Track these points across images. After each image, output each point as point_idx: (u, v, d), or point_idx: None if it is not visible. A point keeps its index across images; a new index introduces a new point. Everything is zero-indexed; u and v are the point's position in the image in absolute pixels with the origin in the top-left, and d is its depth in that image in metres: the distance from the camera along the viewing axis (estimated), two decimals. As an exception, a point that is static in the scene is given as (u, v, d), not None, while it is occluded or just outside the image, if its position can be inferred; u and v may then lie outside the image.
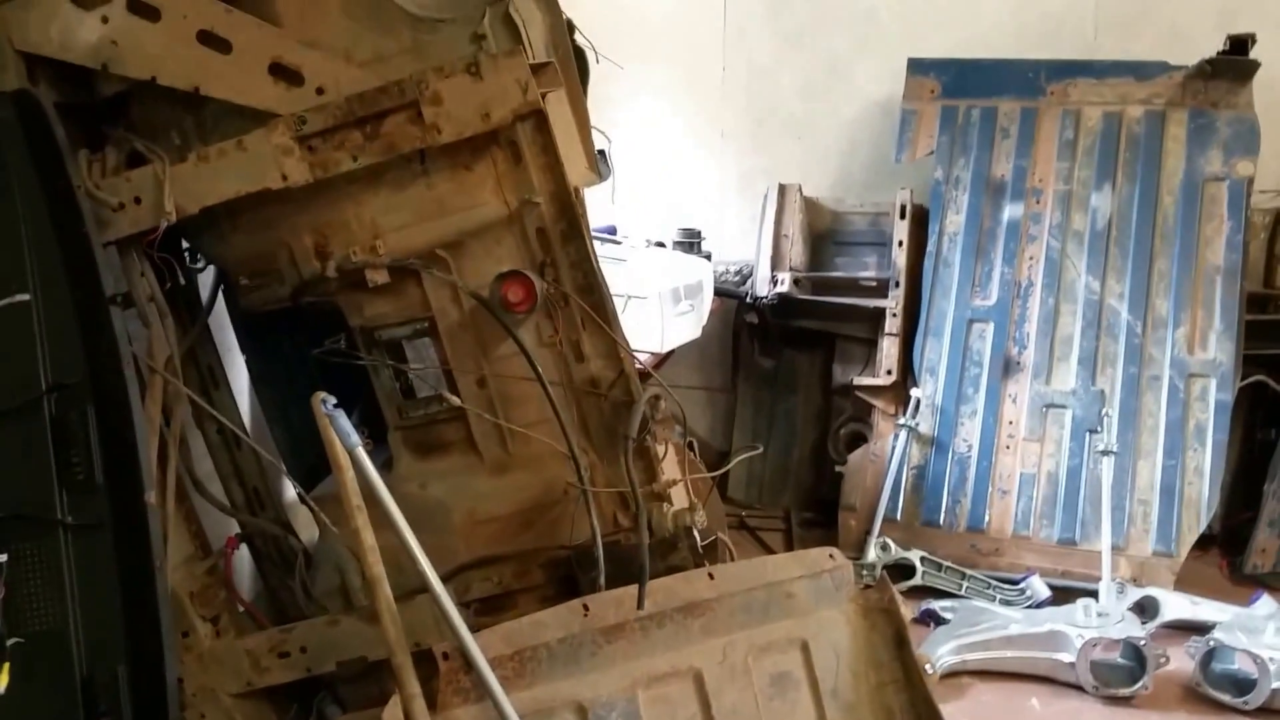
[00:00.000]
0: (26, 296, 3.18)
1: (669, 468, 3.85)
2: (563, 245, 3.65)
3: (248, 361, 4.59)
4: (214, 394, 4.25)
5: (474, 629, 3.22)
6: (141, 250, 3.73)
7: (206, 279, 4.28)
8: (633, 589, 3.37)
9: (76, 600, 3.04)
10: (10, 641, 2.97)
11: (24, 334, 3.17)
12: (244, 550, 4.34)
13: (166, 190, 3.54)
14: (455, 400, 3.75)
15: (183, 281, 4.08)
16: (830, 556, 3.72)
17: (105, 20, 3.53)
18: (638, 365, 3.89)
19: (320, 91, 3.54)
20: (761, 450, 7.17)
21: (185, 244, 4.11)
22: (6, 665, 2.95)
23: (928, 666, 3.74)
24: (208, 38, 3.53)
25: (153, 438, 3.60)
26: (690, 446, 4.21)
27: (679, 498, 3.84)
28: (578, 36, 4.00)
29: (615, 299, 4.91)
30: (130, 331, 3.61)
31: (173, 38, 3.53)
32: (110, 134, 3.76)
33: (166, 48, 3.54)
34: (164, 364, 3.75)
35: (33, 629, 3.01)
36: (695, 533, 3.67)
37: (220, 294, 4.27)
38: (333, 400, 3.09)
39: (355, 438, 3.08)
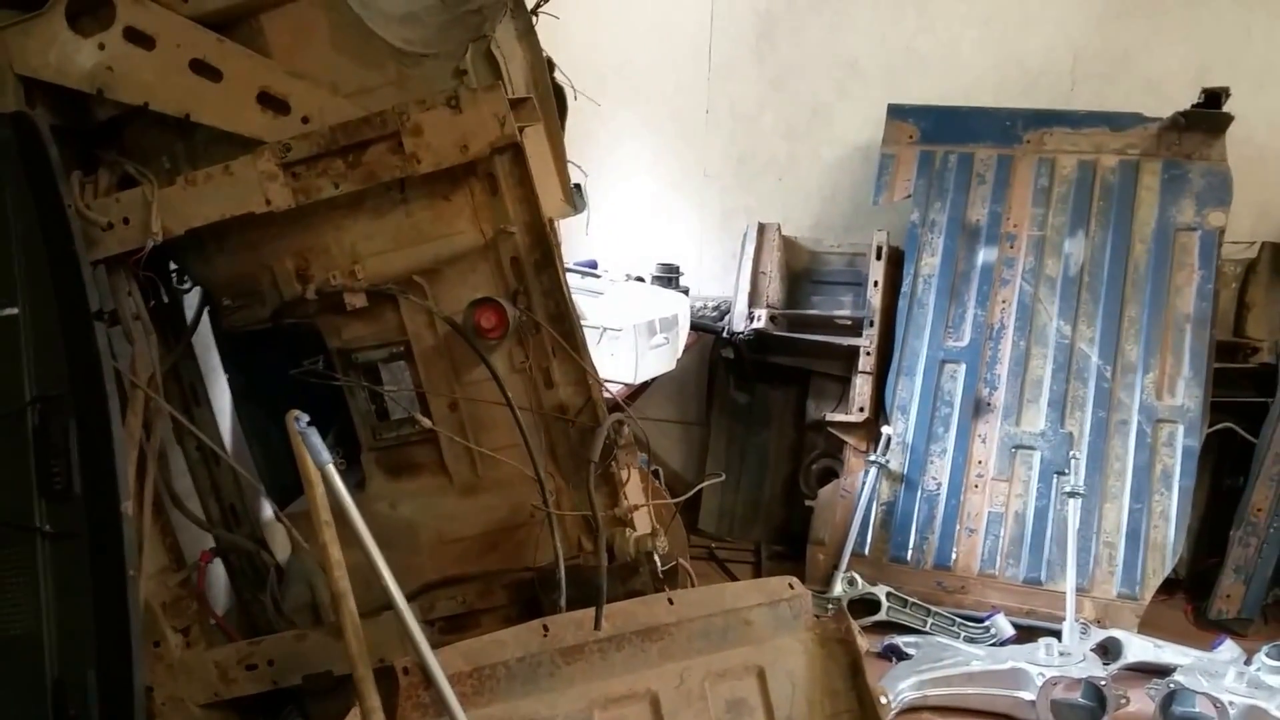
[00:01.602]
0: (15, 310, 3.25)
1: (633, 494, 3.93)
2: (536, 274, 3.75)
3: (230, 380, 4.67)
4: (195, 411, 4.33)
5: (437, 647, 3.27)
6: (129, 269, 3.82)
7: (192, 299, 4.36)
8: (592, 611, 3.44)
9: (50, 606, 3.09)
10: (-17, 644, 3.03)
11: (10, 346, 3.24)
12: (219, 564, 4.42)
13: (154, 212, 3.63)
14: (427, 423, 3.84)
15: (166, 300, 4.19)
16: (789, 586, 3.79)
17: (102, 47, 3.63)
18: (607, 395, 3.97)
19: (305, 120, 3.63)
20: (724, 478, 7.19)
21: (172, 265, 4.21)
22: (-22, 667, 3.00)
23: (882, 698, 3.81)
24: (199, 66, 3.64)
25: (132, 451, 3.69)
26: (655, 474, 4.29)
27: (642, 523, 3.91)
28: (557, 74, 4.08)
29: (590, 330, 5.01)
30: (115, 348, 3.70)
31: (166, 66, 3.64)
32: (103, 157, 3.86)
33: (159, 75, 3.64)
34: (147, 380, 3.82)
35: (5, 633, 3.07)
36: (656, 558, 3.72)
37: (205, 314, 4.34)
38: (306, 418, 3.16)
39: (326, 455, 3.13)
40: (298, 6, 3.68)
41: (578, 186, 4.23)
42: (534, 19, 3.91)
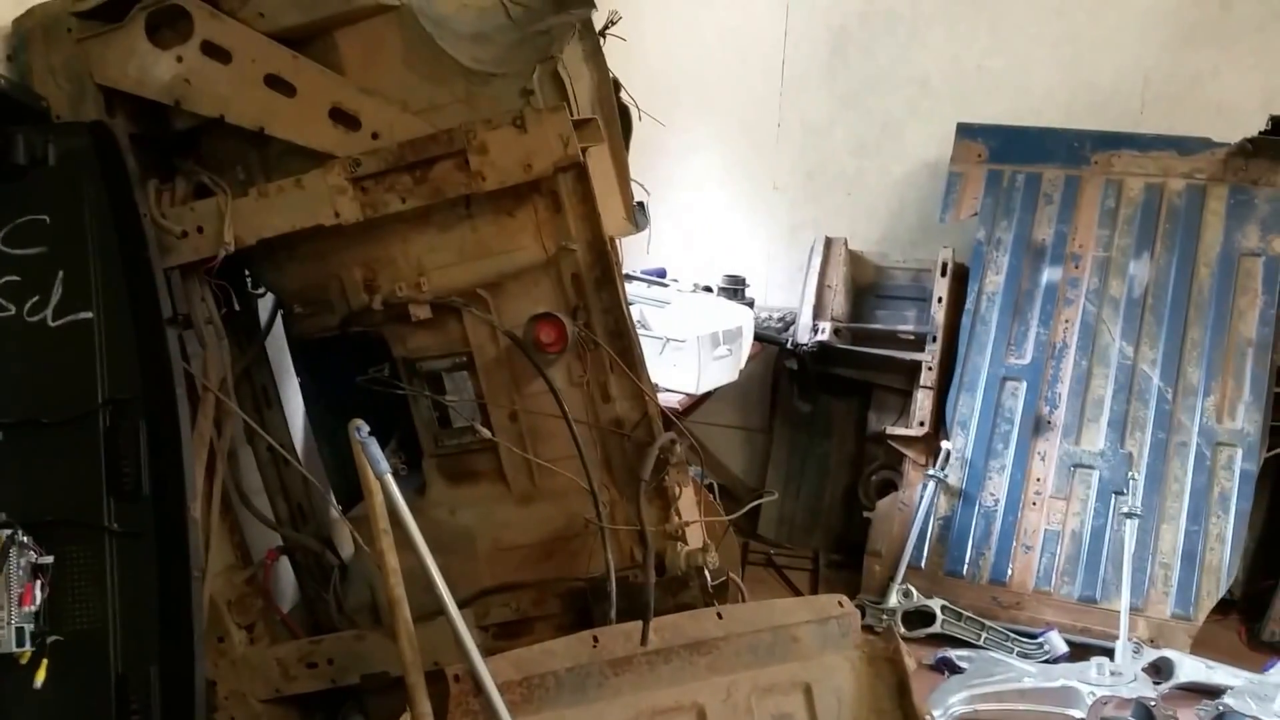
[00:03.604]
0: (89, 314, 3.34)
1: (686, 508, 3.98)
2: (596, 291, 3.81)
3: (301, 384, 4.78)
4: (266, 413, 4.44)
5: (490, 653, 3.36)
6: (202, 276, 3.93)
7: (267, 304, 4.47)
8: (641, 624, 3.50)
9: (116, 603, 3.17)
10: (50, 639, 3.10)
11: (85, 349, 3.32)
12: (287, 562, 4.53)
13: (227, 222, 3.73)
14: (487, 433, 3.92)
15: (237, 307, 4.31)
16: (839, 603, 3.81)
17: (180, 60, 3.73)
18: (665, 408, 4.04)
19: (375, 136, 3.71)
20: (776, 496, 7.24)
21: (246, 271, 4.32)
22: (45, 661, 3.08)
23: (929, 716, 3.85)
24: (274, 81, 3.72)
25: (202, 452, 3.80)
26: (710, 488, 4.34)
27: (694, 537, 3.96)
28: (623, 94, 4.14)
29: (654, 341, 5.06)
30: (189, 352, 3.81)
31: (242, 79, 3.73)
32: (180, 166, 3.97)
33: (236, 88, 3.73)
34: (218, 383, 3.94)
35: (73, 628, 3.14)
36: (706, 572, 3.77)
37: (279, 319, 4.46)
38: (367, 428, 3.23)
39: (385, 464, 3.20)
40: (372, 24, 3.75)
41: (640, 205, 4.29)
42: (602, 40, 3.98)
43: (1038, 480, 6.42)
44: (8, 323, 3.33)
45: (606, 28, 4.02)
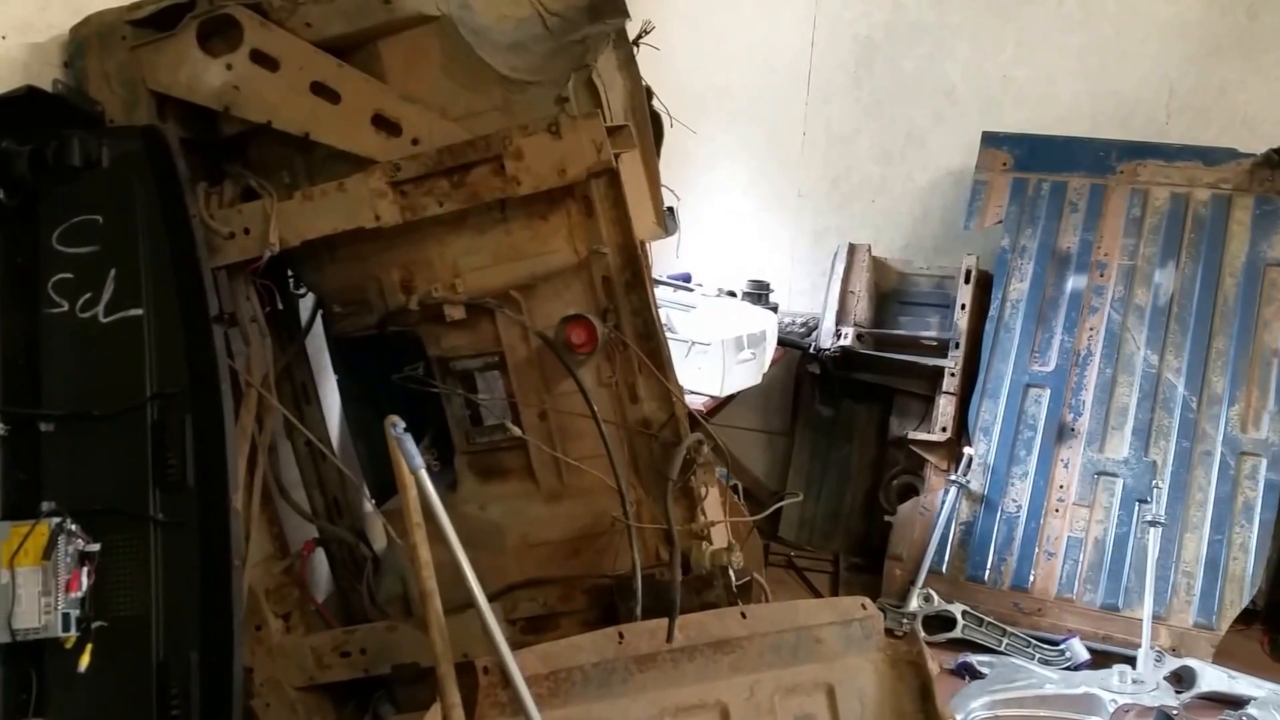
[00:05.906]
0: (139, 311, 3.44)
1: (711, 508, 4.01)
2: (626, 293, 3.86)
3: (338, 381, 4.88)
4: (305, 409, 4.52)
5: (518, 646, 3.38)
6: (248, 276, 4.03)
7: (307, 304, 4.57)
8: (667, 620, 3.54)
9: (159, 590, 3.28)
10: (95, 625, 3.20)
11: (134, 345, 3.43)
12: (322, 554, 4.61)
13: (273, 224, 3.82)
14: (517, 431, 3.98)
15: (282, 306, 4.39)
16: (862, 606, 3.80)
17: (229, 67, 3.83)
18: (693, 409, 4.10)
19: (415, 142, 3.79)
20: (801, 498, 7.33)
21: (289, 272, 4.41)
22: (90, 646, 3.18)
23: (951, 721, 3.88)
24: (320, 88, 3.82)
25: (244, 445, 3.89)
26: (734, 489, 4.39)
27: (719, 537, 4.01)
28: (655, 102, 4.19)
29: (680, 344, 5.12)
30: (233, 349, 3.92)
31: (289, 87, 3.82)
32: (229, 169, 4.06)
33: (282, 95, 3.83)
34: (260, 379, 4.03)
35: (117, 614, 3.24)
36: (731, 572, 3.81)
37: (320, 318, 4.55)
38: (402, 424, 3.29)
39: (419, 460, 3.22)
40: (413, 34, 3.83)
41: (670, 210, 4.35)
42: (635, 49, 4.03)
43: (1061, 487, 6.45)
44: (60, 318, 3.43)
45: (640, 37, 4.06)
